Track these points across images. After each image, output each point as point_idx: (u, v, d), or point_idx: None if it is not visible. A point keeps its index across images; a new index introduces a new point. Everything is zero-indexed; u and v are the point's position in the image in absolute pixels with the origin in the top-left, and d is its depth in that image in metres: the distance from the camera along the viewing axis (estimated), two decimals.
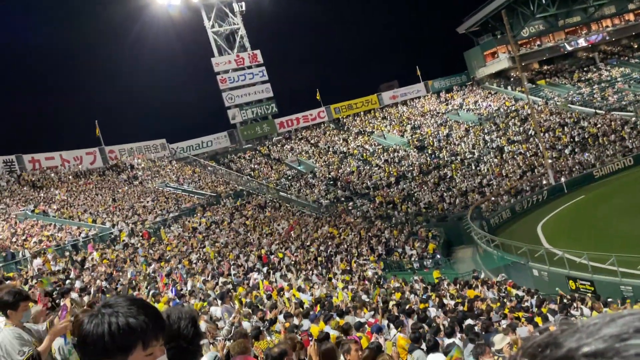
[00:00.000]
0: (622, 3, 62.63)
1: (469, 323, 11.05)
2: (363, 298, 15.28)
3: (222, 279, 18.00)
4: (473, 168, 44.60)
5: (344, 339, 7.71)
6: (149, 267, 21.34)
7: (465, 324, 10.87)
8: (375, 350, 6.78)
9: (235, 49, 55.51)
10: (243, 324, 10.45)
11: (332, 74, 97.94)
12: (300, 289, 17.04)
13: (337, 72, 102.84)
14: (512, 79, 61.16)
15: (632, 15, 63.24)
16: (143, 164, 45.69)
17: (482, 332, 10.38)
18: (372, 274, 23.03)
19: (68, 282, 17.52)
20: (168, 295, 15.23)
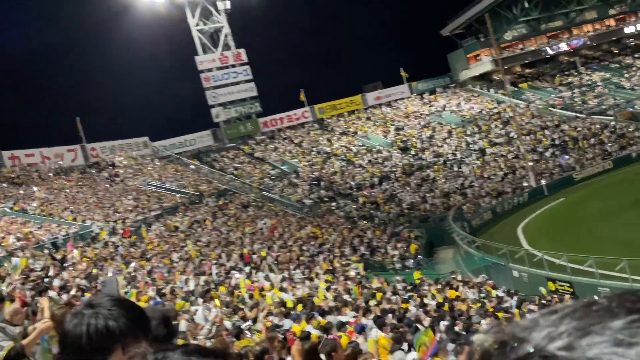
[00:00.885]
0: (603, 8, 63.57)
1: (450, 323, 11.14)
2: (345, 298, 15.32)
3: (203, 278, 17.93)
4: (455, 169, 44.95)
5: (326, 338, 7.73)
6: (129, 265, 21.16)
7: (446, 324, 10.96)
8: (357, 350, 6.81)
9: (220, 48, 55.24)
10: (224, 323, 10.44)
11: (316, 74, 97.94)
12: (283, 289, 17.04)
13: (321, 72, 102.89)
14: (494, 82, 61.74)
15: (612, 21, 64.21)
16: (125, 162, 45.28)
17: (463, 332, 10.48)
18: (354, 274, 23.09)
19: (47, 280, 17.33)
20: (149, 294, 15.13)
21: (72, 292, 13.58)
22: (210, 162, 50.73)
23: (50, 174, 39.75)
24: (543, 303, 15.12)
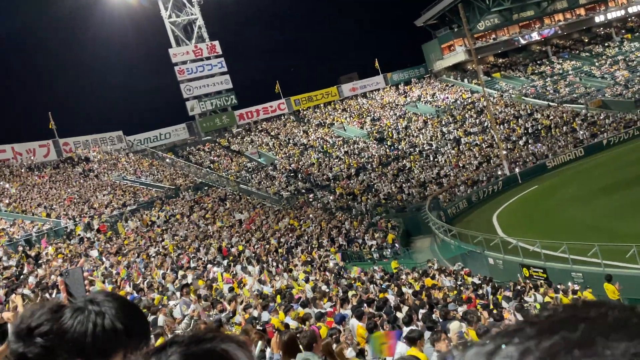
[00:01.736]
0: None
1: (427, 311, 11.29)
2: (323, 289, 15.41)
3: (181, 272, 17.85)
4: (431, 159, 45.34)
5: (303, 328, 7.80)
6: (106, 261, 20.96)
7: (423, 312, 11.11)
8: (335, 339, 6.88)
9: (194, 40, 54.72)
10: (203, 317, 10.42)
11: (292, 65, 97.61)
12: (261, 281, 17.05)
13: (297, 63, 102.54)
14: (468, 72, 62.29)
15: (583, 10, 65.21)
16: (99, 157, 44.69)
17: (439, 319, 10.63)
18: (333, 265, 23.20)
19: (22, 277, 17.09)
20: (126, 290, 15.02)
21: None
22: (186, 155, 50.37)
23: (23, 170, 39.06)
24: (518, 289, 15.39)
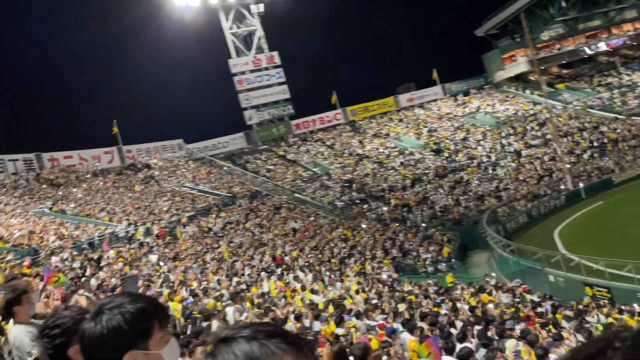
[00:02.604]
0: None
1: (482, 328, 10.96)
2: (375, 301, 15.24)
3: (235, 279, 18.07)
4: (490, 172, 44.29)
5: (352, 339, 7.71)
6: (164, 265, 21.49)
7: (478, 329, 10.78)
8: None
9: (253, 51, 55.71)
10: None
11: (349, 76, 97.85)
12: (313, 291, 17.04)
13: (354, 74, 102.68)
14: (530, 83, 60.64)
15: None
16: (160, 164, 46.06)
17: (496, 337, 10.30)
18: (386, 277, 22.96)
19: (84, 279, 17.72)
20: (182, 294, 15.32)
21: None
22: (243, 164, 51.17)
23: (88, 176, 40.68)
24: (579, 309, 14.73)
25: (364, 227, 34.62)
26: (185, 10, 53.50)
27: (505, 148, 48.21)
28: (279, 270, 21.60)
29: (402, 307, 13.41)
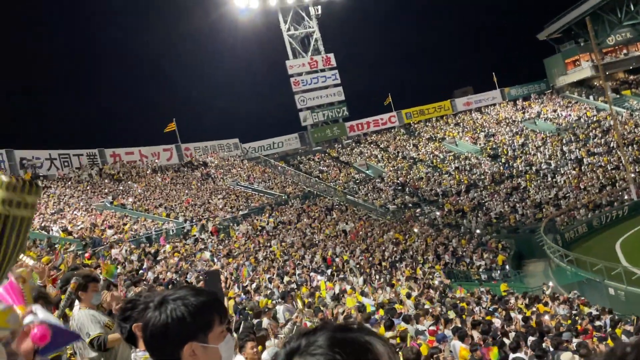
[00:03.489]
0: None
1: (537, 339, 10.67)
2: (426, 306, 15.07)
3: (286, 278, 18.26)
4: (549, 179, 42.95)
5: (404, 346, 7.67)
6: (218, 262, 21.94)
7: (532, 340, 10.51)
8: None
9: (310, 52, 56.13)
10: (306, 324, 10.57)
11: (404, 78, 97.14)
12: (363, 293, 17.01)
13: (409, 76, 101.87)
14: (594, 89, 58.46)
15: None
16: (216, 162, 47.03)
17: (550, 349, 10.01)
18: (438, 283, 22.66)
19: (141, 272, 18.33)
20: (234, 291, 15.61)
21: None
22: (297, 164, 51.58)
23: (148, 172, 41.96)
24: None
25: (416, 231, 34.26)
26: (245, 12, 54.47)
27: (566, 155, 46.66)
28: (329, 272, 21.66)
29: (452, 314, 13.20)
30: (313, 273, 20.57)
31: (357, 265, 23.65)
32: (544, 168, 45.11)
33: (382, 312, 13.33)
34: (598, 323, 14.88)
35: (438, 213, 39.59)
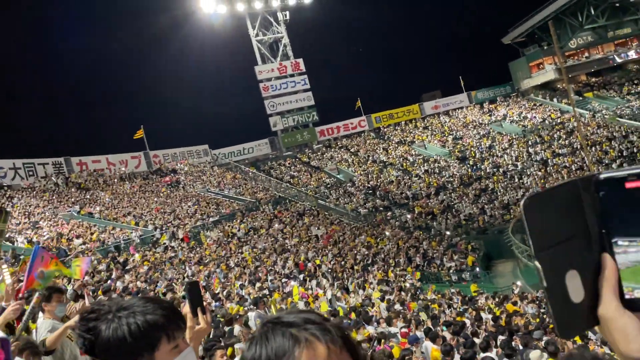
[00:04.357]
0: None
1: (506, 338, 10.84)
2: (398, 308, 15.17)
3: (258, 284, 18.16)
4: (516, 180, 43.76)
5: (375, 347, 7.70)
6: (188, 270, 21.71)
7: (502, 339, 10.67)
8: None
9: (279, 58, 56.10)
10: None
11: (373, 83, 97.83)
12: (336, 297, 17.04)
13: (378, 81, 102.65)
14: (558, 91, 59.81)
15: None
16: (186, 169, 46.57)
17: (519, 347, 10.17)
18: (409, 285, 22.83)
19: (109, 282, 18.00)
20: (207, 298, 15.45)
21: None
22: (268, 169, 51.45)
23: (115, 180, 41.32)
24: None
25: (388, 234, 34.48)
26: (213, 17, 54.21)
27: (532, 157, 47.62)
28: (302, 277, 21.63)
29: (424, 315, 13.32)
30: (285, 279, 20.50)
31: (328, 270, 23.67)
32: (511, 169, 45.94)
33: (354, 315, 13.38)
34: None
35: (409, 216, 39.91)
